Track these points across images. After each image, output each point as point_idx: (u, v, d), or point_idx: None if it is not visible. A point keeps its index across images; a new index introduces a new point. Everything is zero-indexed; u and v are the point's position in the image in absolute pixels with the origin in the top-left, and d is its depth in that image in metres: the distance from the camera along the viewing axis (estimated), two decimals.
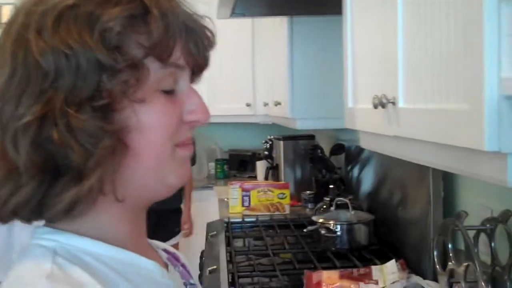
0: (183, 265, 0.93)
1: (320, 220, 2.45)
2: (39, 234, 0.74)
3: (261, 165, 4.14)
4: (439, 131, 1.05)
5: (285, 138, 3.71)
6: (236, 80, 4.48)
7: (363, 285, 1.87)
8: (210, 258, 2.51)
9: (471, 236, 1.51)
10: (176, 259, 0.92)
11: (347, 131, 1.80)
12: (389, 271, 1.90)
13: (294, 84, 2.91)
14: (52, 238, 0.72)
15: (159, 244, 0.93)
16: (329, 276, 1.94)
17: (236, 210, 3.34)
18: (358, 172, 3.08)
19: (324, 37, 2.82)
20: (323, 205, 2.82)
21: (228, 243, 2.68)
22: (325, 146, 3.57)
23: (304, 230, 2.52)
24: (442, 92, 1.04)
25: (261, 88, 4.27)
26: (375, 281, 1.87)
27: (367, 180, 2.93)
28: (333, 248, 2.40)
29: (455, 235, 1.65)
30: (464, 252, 1.60)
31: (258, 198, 3.33)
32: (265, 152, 3.93)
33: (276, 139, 3.81)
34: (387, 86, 1.32)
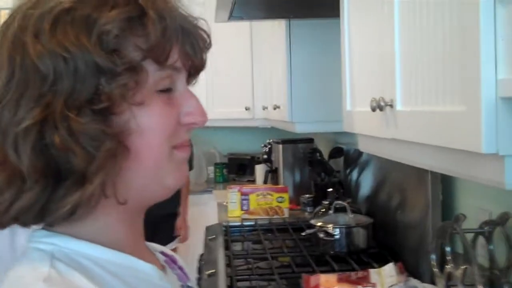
0: (180, 268, 0.92)
1: (318, 223, 2.45)
2: (36, 238, 0.73)
3: (260, 168, 4.14)
4: (436, 133, 1.05)
5: (284, 141, 3.71)
6: (234, 84, 4.47)
7: None
8: (209, 261, 2.51)
9: (469, 239, 1.51)
10: (174, 261, 0.92)
11: (346, 134, 1.81)
12: (387, 274, 1.90)
13: (293, 87, 2.91)
14: (50, 241, 0.72)
15: (157, 247, 0.92)
16: (327, 280, 1.94)
17: (235, 214, 3.34)
18: (357, 175, 3.08)
19: (322, 40, 2.82)
20: (321, 209, 2.81)
21: (227, 247, 2.67)
22: (324, 149, 3.57)
23: (302, 233, 2.51)
24: (440, 94, 1.04)
25: (259, 92, 4.27)
26: (373, 284, 1.87)
27: (365, 184, 2.93)
28: (331, 252, 2.39)
29: (453, 238, 1.65)
30: (462, 255, 1.60)
31: (257, 202, 3.33)
32: (264, 156, 3.93)
33: (275, 142, 3.81)
34: (385, 89, 1.32)
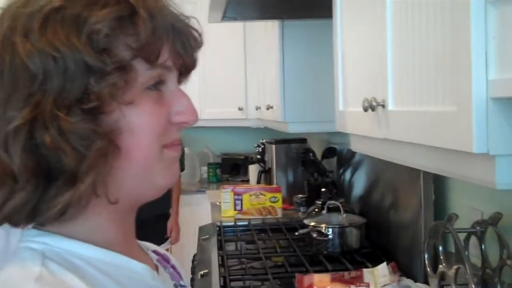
0: (173, 267, 0.92)
1: (311, 223, 2.45)
2: (28, 237, 0.73)
3: (253, 169, 4.14)
4: (428, 133, 1.05)
5: (277, 141, 3.71)
6: (228, 84, 4.47)
7: None
8: (202, 262, 2.51)
9: (462, 238, 1.51)
10: (166, 260, 0.92)
11: (339, 134, 1.81)
12: (380, 274, 1.90)
13: (286, 88, 2.91)
14: (41, 240, 0.72)
15: (149, 246, 0.92)
16: (320, 279, 1.94)
17: (228, 214, 3.33)
18: (350, 175, 3.08)
19: (315, 41, 2.82)
20: (315, 209, 2.82)
21: (220, 247, 2.67)
22: (317, 149, 3.57)
23: (296, 233, 2.51)
24: (431, 94, 1.04)
25: (253, 92, 4.27)
26: (366, 284, 1.87)
27: (358, 184, 2.93)
28: (324, 252, 2.40)
29: (446, 238, 1.66)
30: (454, 255, 1.60)
31: (250, 202, 3.33)
32: (258, 156, 3.93)
33: (268, 143, 3.81)
34: (377, 89, 1.32)
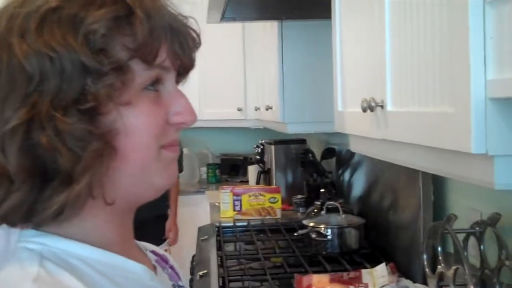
0: (171, 267, 0.92)
1: (310, 224, 2.45)
2: (26, 237, 0.73)
3: (252, 169, 4.14)
4: (426, 134, 1.05)
5: (276, 142, 3.71)
6: (227, 85, 4.47)
7: None
8: (201, 262, 2.51)
9: (461, 239, 1.51)
10: (165, 261, 0.92)
11: (338, 135, 1.81)
12: (379, 275, 1.90)
13: (285, 88, 2.92)
14: (39, 241, 0.72)
15: (147, 246, 0.92)
16: (319, 280, 1.94)
17: (227, 214, 3.33)
18: (349, 176, 3.08)
19: (314, 41, 2.83)
20: (314, 209, 2.82)
21: (219, 248, 2.67)
22: (316, 150, 3.57)
23: (295, 234, 2.51)
24: (430, 95, 1.04)
25: (252, 93, 4.27)
26: (365, 285, 1.87)
27: (358, 184, 2.93)
28: (323, 252, 2.40)
29: (445, 239, 1.66)
30: (453, 255, 1.60)
31: (249, 203, 3.32)
32: (257, 157, 3.93)
33: (268, 143, 3.81)
34: (376, 90, 1.32)
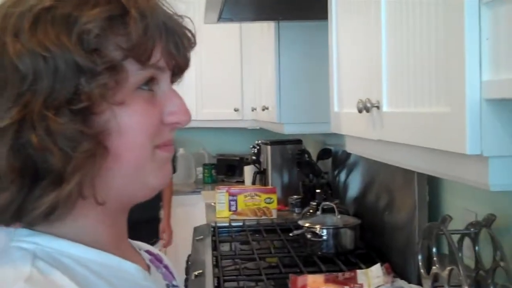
0: (166, 267, 0.92)
1: (306, 224, 2.45)
2: (18, 237, 0.72)
3: (248, 169, 4.14)
4: (422, 134, 1.05)
5: (273, 143, 3.71)
6: (224, 85, 4.47)
7: None
8: (196, 262, 2.51)
9: (455, 240, 1.51)
10: (159, 260, 0.92)
11: (334, 135, 1.81)
12: (374, 275, 1.90)
13: (281, 89, 2.92)
14: (32, 240, 0.71)
15: (142, 245, 0.92)
16: (314, 280, 1.94)
17: (223, 214, 3.33)
18: (345, 176, 3.09)
19: (310, 42, 2.83)
20: (309, 210, 2.82)
21: (215, 248, 2.67)
22: (312, 150, 3.57)
23: (290, 234, 2.51)
24: (425, 95, 1.05)
25: (248, 93, 4.27)
26: (360, 285, 1.87)
27: (353, 185, 2.93)
28: (319, 253, 2.40)
29: (440, 239, 1.66)
30: (448, 256, 1.61)
31: (245, 203, 3.32)
32: (253, 157, 3.92)
33: (264, 143, 3.80)
34: (371, 91, 1.32)
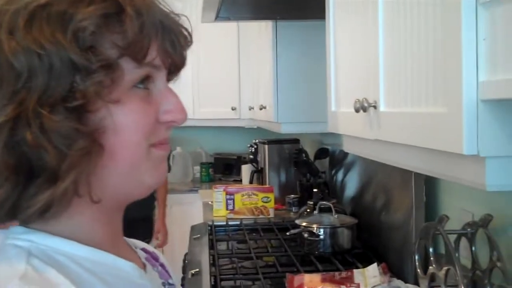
0: (162, 265, 0.92)
1: (303, 223, 2.45)
2: (14, 234, 0.72)
3: (246, 168, 4.14)
4: (419, 134, 1.05)
5: (270, 142, 3.71)
6: (221, 84, 4.48)
7: None
8: (193, 261, 2.51)
9: (452, 240, 1.51)
10: (155, 258, 0.92)
11: (331, 135, 1.81)
12: (370, 275, 1.90)
13: (279, 88, 2.92)
14: (27, 238, 0.71)
15: (138, 243, 0.92)
16: (311, 280, 1.94)
17: (220, 213, 3.33)
18: (342, 176, 3.09)
19: (308, 42, 2.83)
20: (306, 209, 2.82)
21: (212, 246, 2.67)
22: (309, 150, 3.57)
23: (287, 233, 2.51)
24: (422, 96, 1.04)
25: (246, 92, 4.27)
26: (356, 285, 1.87)
27: (350, 184, 2.94)
28: (316, 252, 2.40)
29: (437, 239, 1.66)
30: (445, 256, 1.60)
31: (242, 202, 3.32)
32: (250, 156, 3.93)
33: (261, 143, 3.81)
34: (369, 90, 1.32)
